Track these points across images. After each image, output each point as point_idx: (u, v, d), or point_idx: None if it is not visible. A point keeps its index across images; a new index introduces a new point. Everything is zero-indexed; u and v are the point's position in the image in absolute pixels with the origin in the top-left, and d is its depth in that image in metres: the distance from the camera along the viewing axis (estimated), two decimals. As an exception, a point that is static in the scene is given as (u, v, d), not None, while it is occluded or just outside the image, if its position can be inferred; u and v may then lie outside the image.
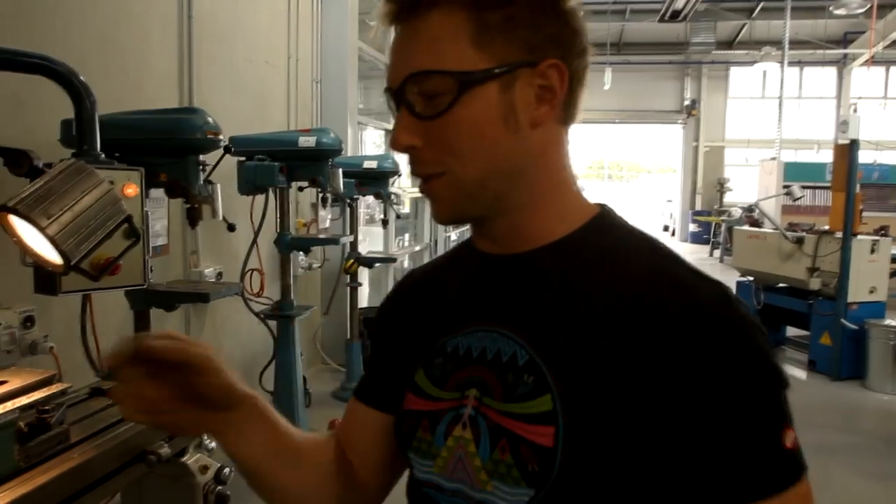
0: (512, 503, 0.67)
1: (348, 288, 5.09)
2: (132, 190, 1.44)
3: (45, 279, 1.58)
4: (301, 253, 4.68)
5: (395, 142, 0.72)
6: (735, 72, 17.27)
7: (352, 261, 4.88)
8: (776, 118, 14.02)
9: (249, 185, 3.62)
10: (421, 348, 0.80)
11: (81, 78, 1.39)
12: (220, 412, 0.76)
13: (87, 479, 1.10)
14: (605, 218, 0.77)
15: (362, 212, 6.40)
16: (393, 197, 5.09)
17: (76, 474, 1.07)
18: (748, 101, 17.45)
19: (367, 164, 4.79)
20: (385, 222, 5.46)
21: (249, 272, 3.95)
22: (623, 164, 34.98)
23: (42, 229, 1.03)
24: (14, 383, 1.07)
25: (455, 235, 10.26)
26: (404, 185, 6.95)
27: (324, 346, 5.52)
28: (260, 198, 3.74)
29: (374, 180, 4.85)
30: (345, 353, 5.17)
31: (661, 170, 31.07)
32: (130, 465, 1.20)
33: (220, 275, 4.06)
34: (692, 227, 16.59)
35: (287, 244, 3.86)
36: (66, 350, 3.01)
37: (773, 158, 12.92)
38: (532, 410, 0.67)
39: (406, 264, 8.13)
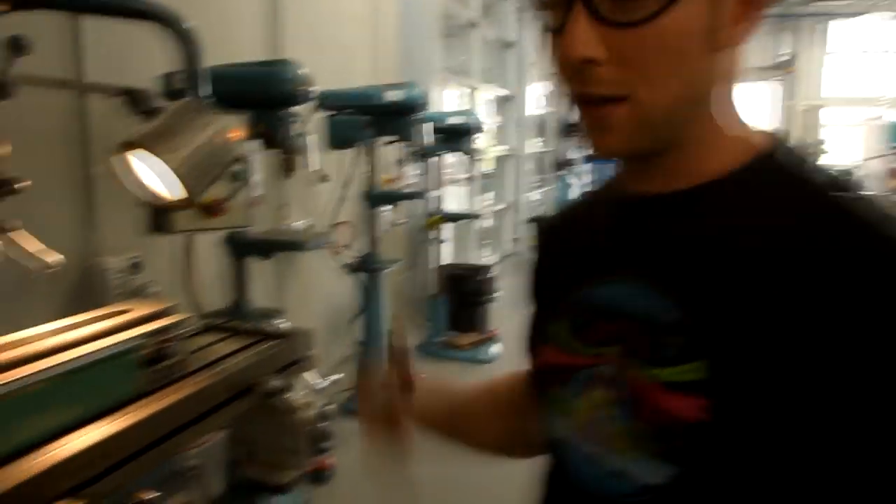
0: (650, 477, 0.61)
1: (431, 244, 5.13)
2: (238, 134, 1.48)
3: (160, 219, 1.67)
4: (387, 208, 4.71)
5: (569, 52, 0.57)
6: (835, 25, 16.23)
7: (435, 217, 4.90)
8: (881, 75, 13.14)
9: (337, 140, 3.67)
10: (559, 298, 0.74)
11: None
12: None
13: (202, 408, 1.15)
14: (778, 151, 0.65)
15: (445, 169, 6.40)
16: (476, 154, 5.07)
17: (191, 402, 1.13)
18: (848, 56, 16.40)
19: (452, 121, 4.77)
20: (469, 179, 5.44)
21: (337, 225, 4.02)
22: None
23: (166, 163, 1.08)
24: (137, 312, 1.14)
25: (539, 195, 10.16)
26: (487, 143, 6.90)
27: (407, 302, 5.60)
28: (346, 154, 3.79)
29: (458, 136, 4.83)
30: (428, 309, 5.24)
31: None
32: (240, 396, 1.25)
33: (309, 227, 4.15)
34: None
35: (374, 198, 3.91)
36: (165, 297, 3.15)
37: (878, 118, 12.16)
38: (681, 378, 0.59)
39: (490, 223, 8.13)
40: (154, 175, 1.13)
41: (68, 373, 0.96)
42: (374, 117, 3.67)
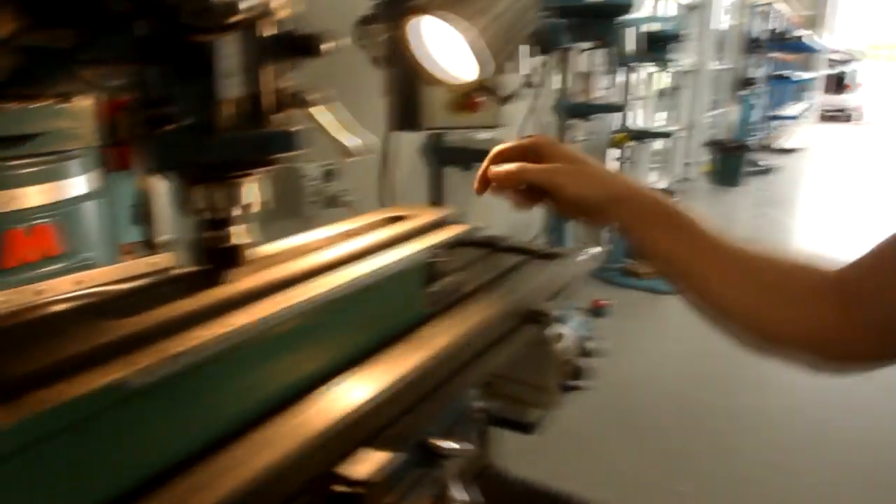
0: None
1: (615, 163, 4.75)
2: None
3: (405, 115, 1.49)
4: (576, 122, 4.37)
5: None
6: None
7: (623, 133, 4.50)
8: None
9: (533, 45, 3.33)
10: None
11: None
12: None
13: (491, 336, 0.94)
14: None
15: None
16: (671, 65, 4.57)
17: (480, 332, 0.92)
18: None
19: (649, 27, 4.29)
20: (662, 92, 4.95)
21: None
22: (908, 44, 29.81)
23: (462, 33, 0.83)
24: (416, 220, 0.92)
25: (711, 118, 9.34)
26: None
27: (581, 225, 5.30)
28: (539, 61, 3.46)
29: (654, 45, 4.35)
30: (607, 233, 4.91)
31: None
32: (523, 325, 1.03)
33: (492, 137, 3.92)
34: None
35: (567, 110, 3.58)
36: (359, 207, 3.04)
37: None
38: None
39: (660, 145, 7.54)
40: (438, 48, 0.90)
41: (358, 291, 0.76)
42: (574, 20, 3.29)
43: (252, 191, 0.68)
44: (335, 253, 0.79)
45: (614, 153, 4.69)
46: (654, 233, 0.77)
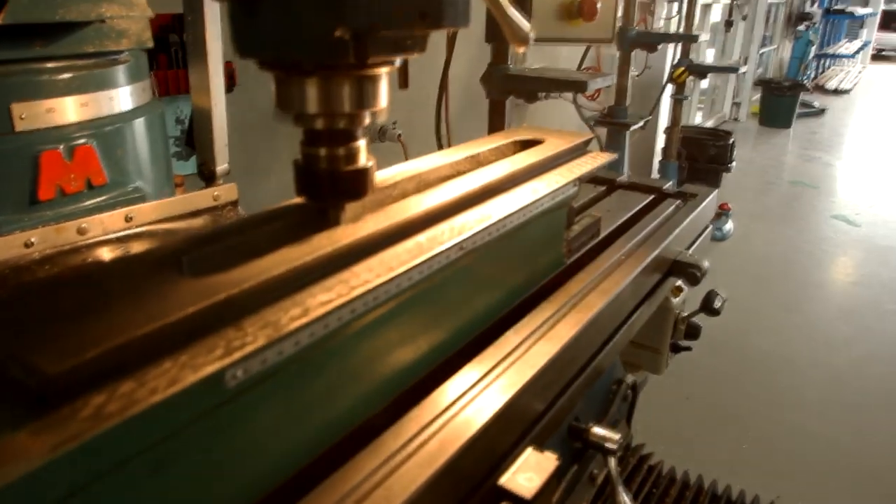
0: None
1: (672, 100, 4.45)
2: None
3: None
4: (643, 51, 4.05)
5: None
6: None
7: (682, 69, 4.18)
8: None
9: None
10: None
11: None
12: None
13: (640, 293, 0.75)
14: None
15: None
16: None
17: (635, 286, 0.72)
18: None
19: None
20: (729, 24, 4.61)
21: (585, 70, 3.47)
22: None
23: None
24: (553, 144, 0.71)
25: (760, 53, 8.85)
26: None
27: (631, 164, 5.03)
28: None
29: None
30: (657, 174, 4.66)
31: None
32: (668, 277, 0.84)
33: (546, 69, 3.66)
34: None
35: (631, 40, 3.29)
36: (409, 140, 2.84)
37: None
38: None
39: (706, 83, 7.16)
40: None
41: (507, 234, 0.57)
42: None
43: (386, 87, 0.48)
44: (467, 185, 0.59)
45: (670, 89, 4.38)
46: None
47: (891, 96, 11.70)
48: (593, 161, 0.72)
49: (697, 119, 7.61)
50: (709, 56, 7.45)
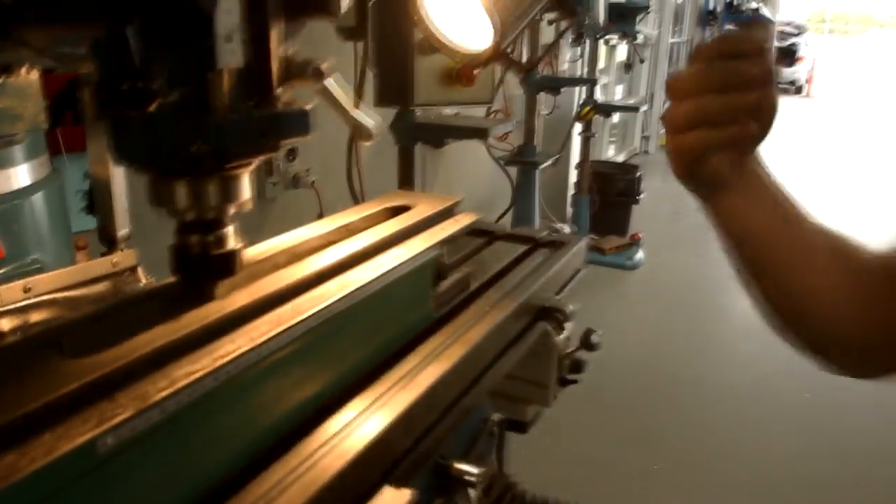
0: None
1: (580, 137, 4.68)
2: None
3: (394, 90, 1.36)
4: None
5: None
6: None
7: (589, 107, 4.41)
8: None
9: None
10: None
11: None
12: (747, 146, 0.67)
13: (506, 338, 0.84)
14: None
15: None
16: (640, 37, 4.49)
17: (498, 332, 0.82)
18: None
19: (618, -3, 4.19)
20: (628, 67, 4.89)
21: (493, 113, 3.63)
22: (850, 17, 30.52)
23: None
24: (421, 210, 0.81)
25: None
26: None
27: (546, 199, 5.23)
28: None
29: (622, 16, 4.26)
30: (570, 208, 4.86)
31: (898, 24, 26.84)
32: (536, 322, 0.94)
33: (456, 114, 3.80)
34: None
35: (535, 84, 3.48)
36: (323, 187, 2.90)
37: None
38: None
39: (617, 118, 7.50)
40: (453, 16, 0.78)
41: (366, 299, 0.65)
42: (544, -12, 3.17)
43: (248, 183, 0.56)
44: (335, 255, 0.68)
45: (579, 127, 4.61)
46: (752, 208, 0.69)
47: (784, 125, 12.47)
48: (456, 224, 0.81)
49: (611, 153, 7.93)
50: (618, 93, 7.82)
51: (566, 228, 4.74)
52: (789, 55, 17.00)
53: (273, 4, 0.48)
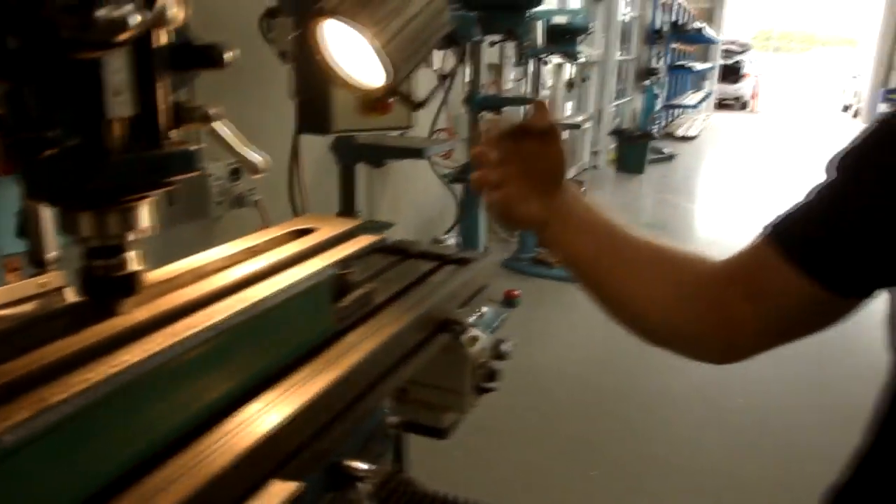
0: None
1: (525, 155, 4.81)
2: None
3: (314, 117, 1.43)
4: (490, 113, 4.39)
5: None
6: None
7: (533, 126, 4.55)
8: None
9: (444, 37, 3.31)
10: None
11: None
12: (550, 190, 0.79)
13: (403, 348, 0.92)
14: None
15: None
16: (581, 58, 4.65)
17: (391, 345, 0.90)
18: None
19: (558, 20, 4.35)
20: (570, 85, 5.05)
21: (437, 132, 3.73)
22: (794, 36, 31.55)
23: (369, 37, 0.81)
24: (324, 232, 0.89)
25: (616, 108, 9.60)
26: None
27: (494, 214, 5.35)
28: (450, 54, 3.46)
29: (563, 38, 4.42)
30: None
31: (839, 42, 27.83)
32: (436, 334, 1.02)
33: (402, 134, 3.90)
34: (882, 108, 14.81)
35: (478, 103, 3.59)
36: (267, 205, 2.95)
37: None
38: None
39: (567, 135, 7.68)
40: (348, 54, 0.87)
41: (262, 314, 0.73)
42: (483, 13, 3.29)
43: (147, 213, 0.63)
44: (237, 274, 0.76)
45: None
46: (571, 236, 0.80)
47: (730, 139, 12.89)
48: (356, 245, 0.90)
49: (560, 168, 8.07)
50: (567, 109, 8.01)
51: (514, 241, 4.86)
52: (734, 73, 17.58)
53: (160, 62, 0.56)
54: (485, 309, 1.54)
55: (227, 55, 0.60)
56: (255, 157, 0.68)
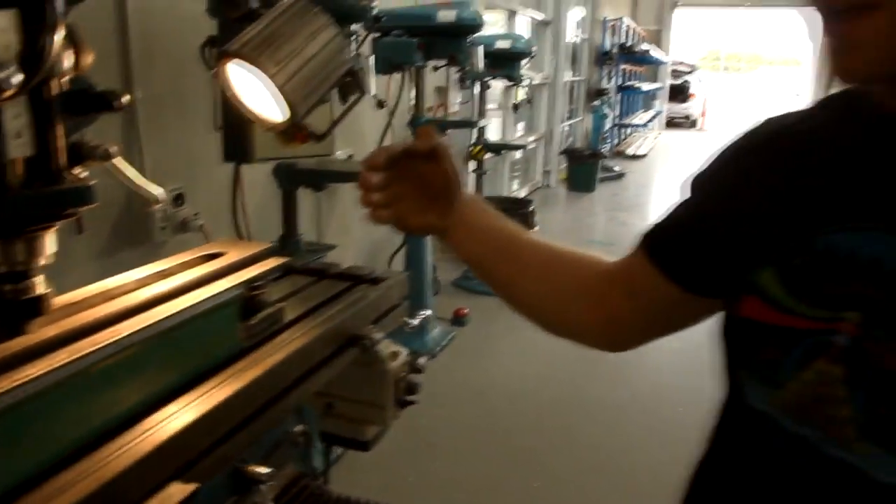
0: (886, 476, 0.53)
1: (473, 175, 4.93)
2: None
3: (237, 146, 1.50)
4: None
5: None
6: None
7: (479, 147, 4.68)
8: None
9: (386, 63, 3.42)
10: (776, 238, 0.62)
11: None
12: (447, 203, 0.85)
13: (306, 366, 1.00)
14: None
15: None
16: (524, 81, 4.81)
17: (296, 360, 0.97)
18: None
19: (500, 44, 4.50)
20: (516, 107, 5.19)
21: (382, 155, 3.82)
22: (742, 56, 32.55)
23: (270, 77, 0.89)
24: (232, 255, 0.97)
25: (567, 127, 9.83)
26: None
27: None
28: (394, 79, 3.56)
29: (506, 62, 4.56)
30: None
31: (784, 62, 28.80)
32: (343, 350, 1.10)
33: (350, 157, 3.97)
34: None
35: (420, 126, 3.69)
36: (211, 230, 2.99)
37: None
38: None
39: (520, 154, 7.85)
40: (255, 91, 0.95)
41: (166, 331, 0.80)
42: (425, 39, 3.41)
43: (51, 241, 0.70)
44: (144, 294, 0.83)
45: (472, 166, 4.87)
46: (471, 242, 0.89)
47: (679, 157, 13.24)
48: (263, 266, 0.97)
49: (514, 187, 8.24)
50: (519, 129, 8.18)
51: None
52: (682, 92, 18.10)
53: (57, 107, 0.64)
54: (414, 323, 1.62)
55: (122, 100, 0.68)
56: (152, 190, 0.75)
